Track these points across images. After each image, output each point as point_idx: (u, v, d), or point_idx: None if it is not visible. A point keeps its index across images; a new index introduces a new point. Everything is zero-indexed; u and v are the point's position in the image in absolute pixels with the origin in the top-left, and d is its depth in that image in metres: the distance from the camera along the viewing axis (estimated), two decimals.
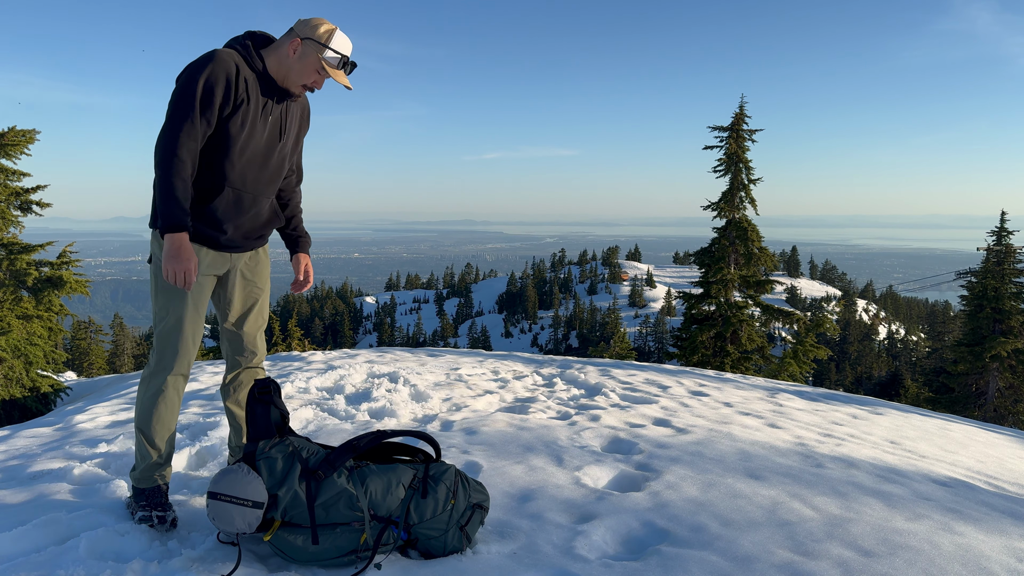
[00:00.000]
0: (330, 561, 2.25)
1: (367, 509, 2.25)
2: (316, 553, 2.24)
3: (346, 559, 2.25)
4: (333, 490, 2.23)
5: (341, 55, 2.49)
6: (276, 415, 2.39)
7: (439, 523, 2.32)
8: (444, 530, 2.33)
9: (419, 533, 2.32)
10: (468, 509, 2.39)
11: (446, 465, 2.46)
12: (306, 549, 2.23)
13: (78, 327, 36.34)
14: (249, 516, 2.19)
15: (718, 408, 5.16)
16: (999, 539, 2.65)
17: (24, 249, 11.03)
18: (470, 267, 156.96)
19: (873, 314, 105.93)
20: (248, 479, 2.20)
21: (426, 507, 2.31)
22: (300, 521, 2.23)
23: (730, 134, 18.53)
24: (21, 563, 2.22)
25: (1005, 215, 19.67)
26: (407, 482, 2.32)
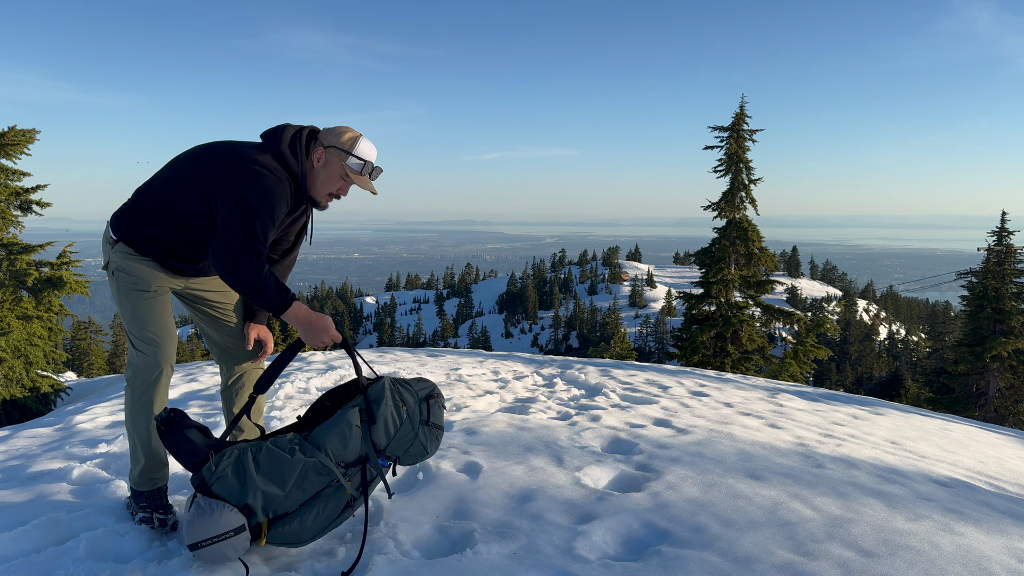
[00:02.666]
0: (333, 524, 2.30)
1: (336, 464, 2.25)
2: (315, 527, 2.26)
3: (345, 514, 2.32)
4: (295, 468, 2.22)
5: (365, 161, 2.52)
6: (196, 435, 2.28)
7: (405, 433, 2.36)
8: (413, 435, 2.38)
9: (394, 452, 2.37)
10: (421, 403, 2.43)
11: (379, 381, 2.42)
12: (304, 529, 2.25)
13: (78, 327, 36.35)
14: (238, 542, 2.17)
15: (718, 408, 5.16)
16: (1000, 539, 2.65)
17: (24, 249, 11.03)
18: (470, 267, 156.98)
19: (874, 314, 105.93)
20: (215, 512, 2.15)
21: (382, 429, 2.32)
22: (285, 509, 2.23)
23: (730, 134, 18.53)
24: (21, 563, 2.22)
25: (1005, 215, 19.66)
26: (357, 420, 2.31)
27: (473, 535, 2.50)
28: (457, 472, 3.20)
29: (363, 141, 2.54)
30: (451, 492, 2.93)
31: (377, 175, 2.61)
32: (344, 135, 2.52)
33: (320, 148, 2.52)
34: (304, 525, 2.25)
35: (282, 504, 2.23)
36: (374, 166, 2.56)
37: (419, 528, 2.59)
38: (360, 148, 2.52)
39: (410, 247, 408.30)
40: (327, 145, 2.51)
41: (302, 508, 2.24)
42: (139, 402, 2.56)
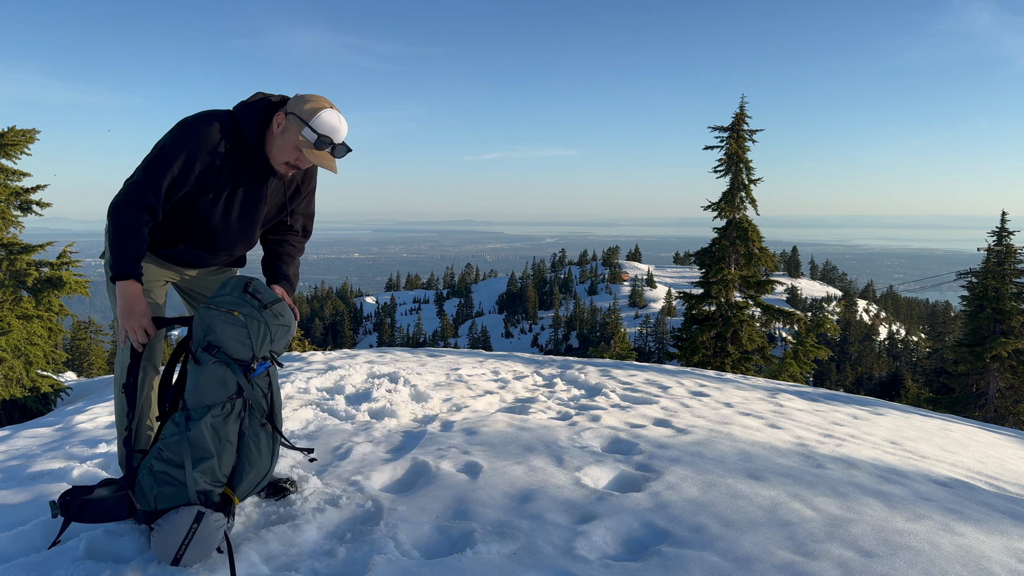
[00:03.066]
0: (278, 441, 2.35)
1: (229, 399, 2.22)
2: (267, 454, 2.31)
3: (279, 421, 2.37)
4: (203, 435, 2.17)
5: (320, 135, 2.33)
6: (103, 492, 2.23)
7: (256, 330, 2.24)
8: (264, 326, 2.26)
9: (265, 351, 2.29)
10: (244, 296, 2.29)
11: (195, 316, 2.34)
12: (260, 464, 2.30)
13: (78, 327, 36.34)
14: (210, 527, 2.13)
15: (718, 408, 5.16)
16: (1000, 540, 2.65)
17: (24, 249, 11.03)
18: (470, 267, 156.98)
19: (874, 314, 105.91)
20: (169, 521, 2.12)
21: (234, 346, 2.23)
22: (229, 466, 2.25)
23: (730, 134, 18.53)
24: (20, 563, 2.22)
25: (1005, 215, 19.66)
26: (209, 360, 2.24)
27: (473, 535, 2.50)
28: (457, 472, 3.20)
29: (325, 113, 2.34)
30: (451, 492, 2.93)
31: (342, 154, 2.40)
32: (308, 103, 2.35)
33: (282, 113, 2.38)
34: (256, 463, 2.27)
35: (224, 464, 2.22)
36: (335, 143, 2.36)
37: (419, 528, 2.58)
38: (320, 120, 2.33)
39: (410, 247, 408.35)
40: (288, 111, 2.37)
41: (242, 453, 2.26)
42: (121, 400, 2.56)
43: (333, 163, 2.40)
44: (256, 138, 2.38)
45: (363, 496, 2.88)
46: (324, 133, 2.33)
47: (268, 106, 2.42)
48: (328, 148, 2.35)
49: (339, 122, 2.35)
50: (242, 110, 2.41)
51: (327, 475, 3.16)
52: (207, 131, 2.34)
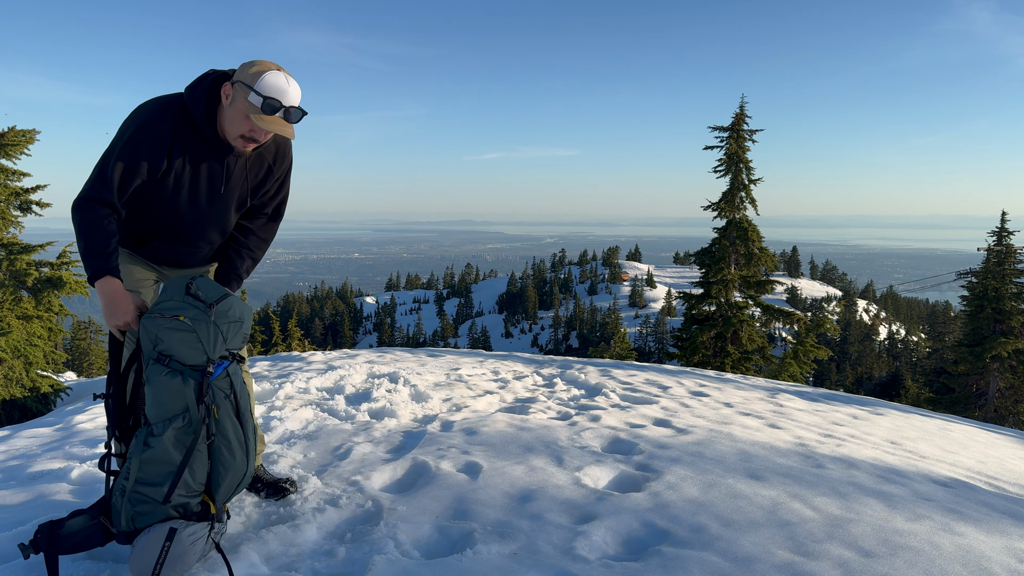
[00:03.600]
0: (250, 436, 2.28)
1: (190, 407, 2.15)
2: (240, 455, 2.24)
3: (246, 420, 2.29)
4: (167, 450, 2.11)
5: (265, 97, 2.19)
6: (77, 523, 2.18)
7: (205, 331, 2.17)
8: (213, 326, 2.19)
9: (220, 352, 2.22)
10: (188, 299, 2.20)
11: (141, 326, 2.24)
12: (235, 467, 2.23)
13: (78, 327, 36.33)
14: (186, 541, 2.09)
15: (718, 408, 5.16)
16: (1000, 540, 2.65)
17: (24, 249, 11.03)
18: (470, 267, 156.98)
19: (874, 314, 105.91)
20: (143, 539, 2.09)
21: (186, 352, 2.16)
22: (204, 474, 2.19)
23: (730, 134, 18.54)
24: (21, 563, 2.22)
25: (1005, 215, 19.66)
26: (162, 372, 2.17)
27: (473, 535, 2.50)
28: (457, 472, 3.20)
29: (270, 75, 2.20)
30: (451, 492, 2.93)
31: (297, 118, 2.26)
32: (252, 68, 2.22)
33: (228, 84, 2.25)
34: (231, 465, 2.21)
35: (198, 473, 2.16)
36: (286, 106, 2.22)
37: (419, 528, 2.58)
38: (264, 83, 2.19)
39: (410, 247, 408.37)
40: (234, 80, 2.24)
41: (214, 458, 2.19)
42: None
43: (288, 128, 2.27)
44: (204, 115, 2.28)
45: (363, 496, 2.88)
46: (270, 95, 2.19)
47: (215, 80, 2.31)
48: (278, 112, 2.22)
49: (287, 83, 2.22)
50: (188, 88, 2.32)
51: (327, 475, 3.16)
52: (153, 116, 2.27)
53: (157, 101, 2.32)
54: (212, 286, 2.27)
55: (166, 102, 2.31)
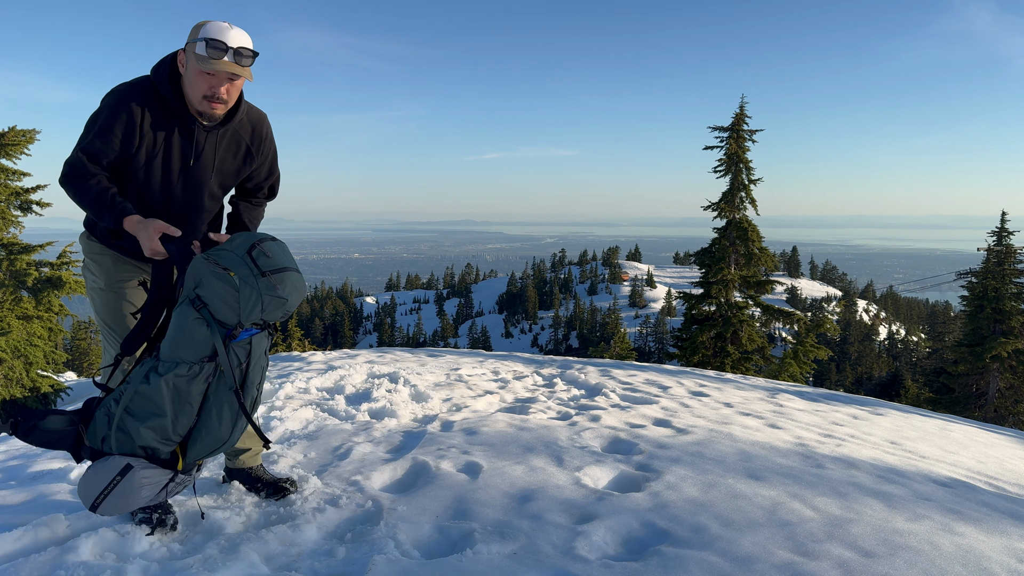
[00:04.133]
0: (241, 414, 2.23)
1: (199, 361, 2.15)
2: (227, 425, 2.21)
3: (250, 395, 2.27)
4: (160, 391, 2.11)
5: (208, 39, 2.22)
6: (54, 422, 2.21)
7: (248, 296, 2.14)
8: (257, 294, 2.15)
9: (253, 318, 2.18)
10: (246, 259, 2.18)
11: (191, 263, 2.24)
12: (219, 432, 2.20)
13: (78, 327, 36.34)
14: (135, 482, 2.08)
15: (718, 408, 5.16)
16: (999, 540, 2.65)
17: (24, 249, 11.04)
18: (470, 267, 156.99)
19: (873, 314, 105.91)
20: (99, 467, 2.10)
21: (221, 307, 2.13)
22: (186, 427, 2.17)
23: (730, 134, 18.54)
24: (22, 563, 2.22)
25: (1005, 215, 19.67)
26: (193, 314, 2.17)
27: (473, 535, 2.50)
28: (457, 472, 3.20)
29: (211, 23, 2.26)
30: (451, 492, 2.93)
31: (248, 59, 2.29)
32: (196, 25, 2.28)
33: (181, 52, 2.32)
34: (213, 431, 2.19)
35: (180, 424, 2.15)
36: (232, 47, 2.24)
37: (419, 528, 2.59)
38: (205, 29, 2.24)
39: (410, 247, 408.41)
40: (185, 44, 2.30)
41: (202, 418, 2.18)
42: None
43: (242, 70, 2.28)
44: (170, 89, 2.34)
45: (363, 496, 2.88)
46: (212, 36, 2.23)
47: (175, 53, 2.37)
48: (226, 55, 2.24)
49: (228, 27, 2.26)
50: (154, 68, 2.38)
51: (327, 475, 3.16)
52: (123, 93, 2.33)
53: (130, 81, 2.40)
54: (279, 256, 2.22)
55: (135, 82, 2.39)
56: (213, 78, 2.28)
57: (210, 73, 2.27)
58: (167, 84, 2.34)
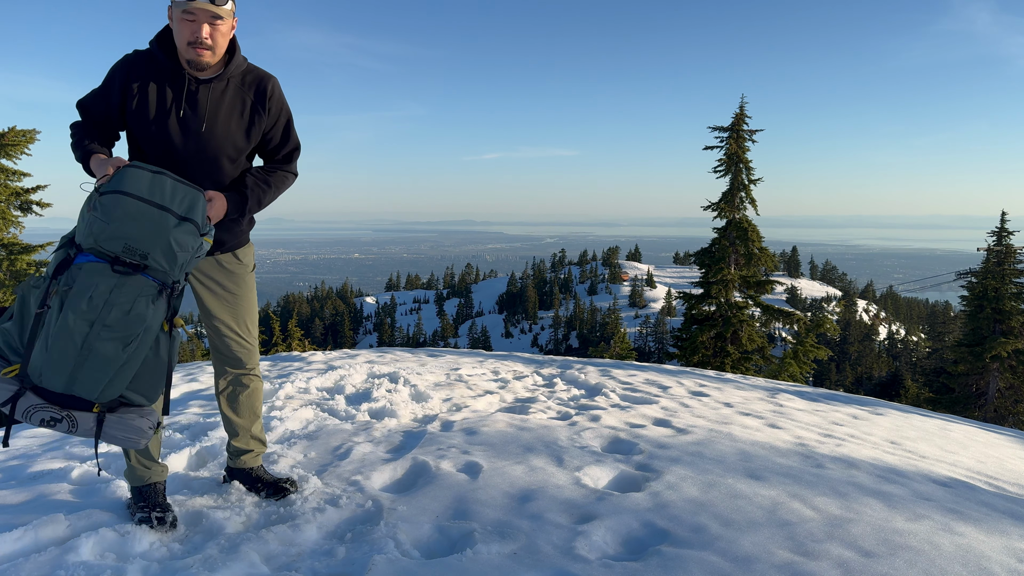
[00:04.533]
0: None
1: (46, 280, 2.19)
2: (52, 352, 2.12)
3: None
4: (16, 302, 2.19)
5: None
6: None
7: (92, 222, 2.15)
8: (85, 220, 2.19)
9: (88, 243, 2.17)
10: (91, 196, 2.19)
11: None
12: (60, 359, 2.11)
13: None
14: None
15: (718, 408, 5.16)
16: (999, 539, 2.65)
17: (24, 249, 11.04)
18: (470, 267, 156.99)
19: (873, 314, 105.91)
20: None
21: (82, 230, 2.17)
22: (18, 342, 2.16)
23: (730, 134, 18.55)
24: (22, 563, 2.23)
25: (1005, 215, 19.68)
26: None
27: (473, 535, 2.50)
28: (457, 472, 3.20)
29: None
30: (451, 492, 2.93)
31: (222, 1, 2.32)
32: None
33: (169, 9, 2.39)
34: (39, 351, 2.11)
35: (20, 336, 2.15)
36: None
37: (419, 528, 2.59)
38: None
39: (410, 247, 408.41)
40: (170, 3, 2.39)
41: (38, 335, 2.12)
42: None
43: (219, 8, 2.32)
44: (159, 46, 2.43)
45: (363, 496, 2.88)
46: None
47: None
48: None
49: None
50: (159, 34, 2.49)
51: (327, 475, 3.16)
52: (123, 58, 2.47)
53: (123, 56, 2.51)
54: (128, 180, 2.15)
55: (135, 51, 2.50)
56: (193, 22, 2.31)
57: (190, 18, 2.30)
58: (158, 43, 2.43)
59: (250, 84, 2.55)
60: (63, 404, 2.14)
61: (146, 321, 2.15)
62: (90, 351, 2.10)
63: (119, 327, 2.11)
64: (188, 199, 2.22)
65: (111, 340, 2.11)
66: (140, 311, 2.14)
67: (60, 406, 2.13)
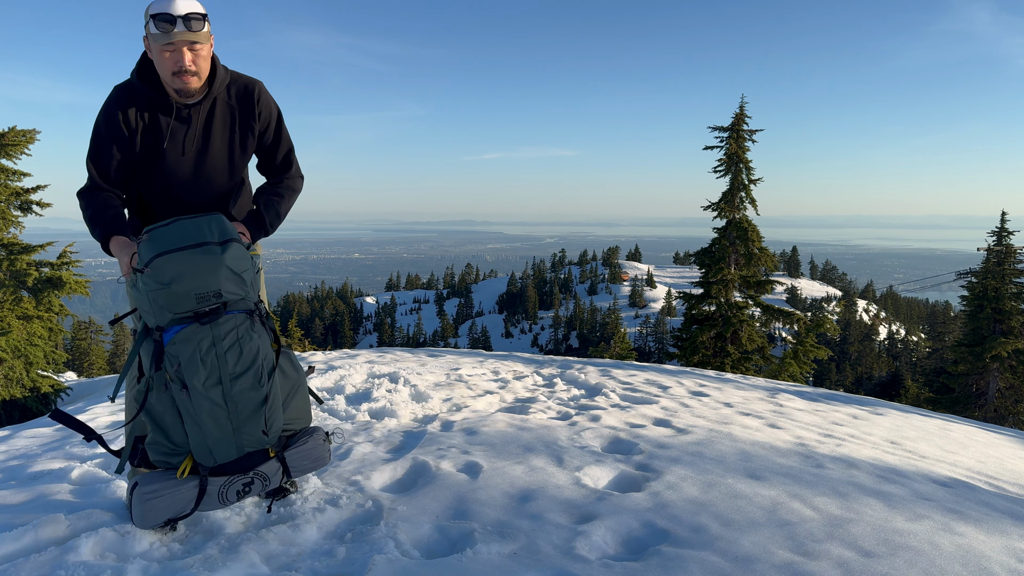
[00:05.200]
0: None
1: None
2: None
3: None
4: (127, 403, 2.27)
5: (156, 15, 2.21)
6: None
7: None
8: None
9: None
10: None
11: None
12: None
13: (78, 327, 36.34)
14: (161, 492, 2.14)
15: (718, 408, 5.16)
16: (999, 539, 2.65)
17: (24, 249, 11.04)
18: (470, 267, 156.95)
19: (873, 314, 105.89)
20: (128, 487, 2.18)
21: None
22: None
23: (730, 134, 18.54)
24: (22, 563, 2.22)
25: (1005, 215, 19.67)
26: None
27: (473, 535, 2.50)
28: (457, 472, 3.20)
29: (154, 1, 2.25)
30: (451, 492, 2.93)
31: (198, 24, 2.26)
32: (145, 10, 2.29)
33: (145, 39, 2.32)
34: (194, 430, 2.15)
35: (172, 434, 2.19)
36: (177, 15, 2.22)
37: (419, 528, 2.59)
38: (150, 8, 2.25)
39: (410, 247, 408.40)
40: (145, 34, 2.32)
41: (184, 421, 2.17)
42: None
43: (196, 34, 2.27)
44: (140, 78, 2.38)
45: (363, 496, 2.88)
46: (158, 12, 2.22)
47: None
48: (175, 25, 2.23)
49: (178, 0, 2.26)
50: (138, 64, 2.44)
51: (327, 475, 3.16)
52: (107, 101, 2.41)
53: (109, 95, 2.45)
54: (156, 242, 2.15)
55: (117, 87, 2.45)
56: (173, 52, 2.28)
57: (169, 48, 2.28)
58: (140, 75, 2.40)
59: (236, 95, 2.54)
60: (244, 468, 2.20)
61: (259, 351, 2.20)
62: (237, 405, 2.14)
63: (243, 369, 2.16)
64: (215, 225, 2.24)
65: (247, 386, 2.15)
66: (250, 345, 2.17)
67: (243, 471, 2.19)
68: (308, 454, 2.26)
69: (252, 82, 2.58)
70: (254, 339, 2.19)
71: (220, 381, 2.12)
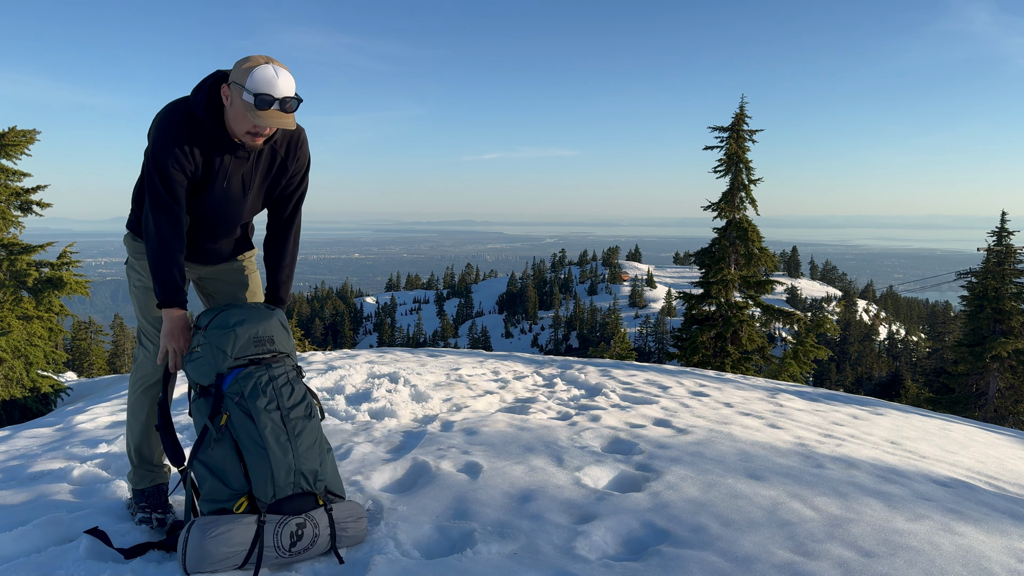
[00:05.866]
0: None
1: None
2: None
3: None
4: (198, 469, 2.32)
5: (257, 94, 2.21)
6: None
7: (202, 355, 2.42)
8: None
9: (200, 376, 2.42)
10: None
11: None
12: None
13: (78, 327, 36.33)
14: (211, 538, 2.15)
15: (718, 408, 5.16)
16: (999, 539, 2.65)
17: (24, 250, 11.03)
18: (470, 267, 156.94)
19: (873, 314, 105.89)
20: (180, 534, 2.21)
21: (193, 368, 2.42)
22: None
23: (730, 134, 18.53)
24: (21, 563, 2.22)
25: (1005, 215, 19.66)
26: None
27: (473, 535, 2.50)
28: (457, 472, 3.20)
29: (259, 70, 2.23)
30: (451, 492, 2.93)
31: (293, 107, 2.28)
32: (243, 65, 2.26)
33: (226, 85, 2.31)
34: (260, 460, 2.26)
35: (232, 480, 2.27)
36: (278, 98, 2.23)
37: (419, 528, 2.59)
38: (253, 79, 2.21)
39: (410, 247, 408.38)
40: (231, 81, 2.28)
41: (245, 458, 2.28)
42: (135, 396, 2.58)
43: (286, 118, 2.29)
44: (208, 117, 2.34)
45: (363, 496, 2.88)
46: (261, 91, 2.21)
47: (215, 82, 2.37)
48: (273, 106, 2.24)
49: (275, 75, 2.24)
50: (193, 92, 2.39)
51: None
52: (175, 127, 2.34)
53: (172, 109, 2.37)
54: (211, 310, 2.49)
55: (177, 115, 2.36)
56: (260, 124, 2.29)
57: (255, 120, 2.27)
58: (204, 112, 2.34)
59: (284, 139, 2.55)
60: (295, 510, 2.27)
61: (307, 394, 2.43)
62: (295, 428, 2.31)
63: (297, 402, 2.37)
64: (262, 304, 2.61)
65: (301, 414, 2.35)
66: (299, 386, 2.41)
67: (295, 513, 2.26)
68: (352, 511, 2.39)
69: (299, 130, 2.60)
70: (302, 384, 2.45)
71: (279, 407, 2.32)
